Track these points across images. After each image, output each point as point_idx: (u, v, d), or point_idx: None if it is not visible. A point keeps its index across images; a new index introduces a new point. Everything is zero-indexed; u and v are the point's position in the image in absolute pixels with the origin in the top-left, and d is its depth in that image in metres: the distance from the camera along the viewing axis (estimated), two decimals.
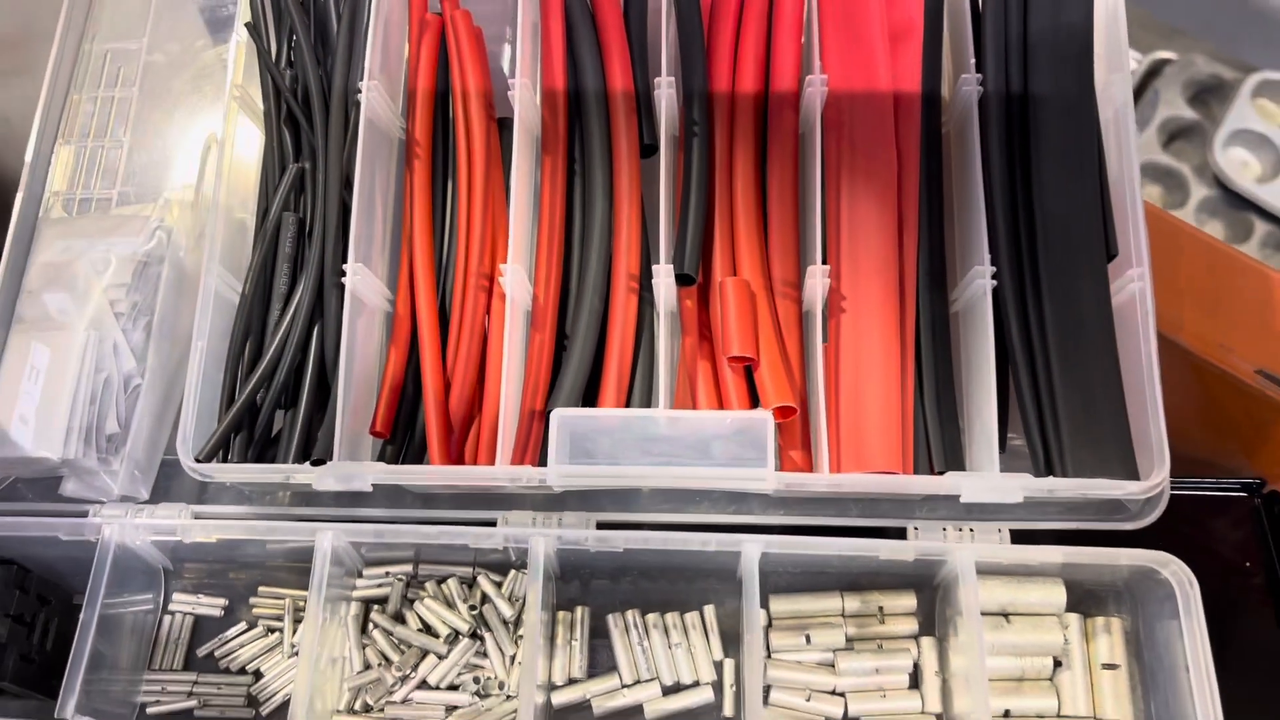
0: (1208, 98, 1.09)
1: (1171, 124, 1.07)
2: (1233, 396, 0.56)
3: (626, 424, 0.50)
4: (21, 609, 0.50)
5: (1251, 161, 1.05)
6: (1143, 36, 1.15)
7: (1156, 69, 1.11)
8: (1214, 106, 1.08)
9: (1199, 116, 1.07)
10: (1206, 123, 1.06)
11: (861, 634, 0.54)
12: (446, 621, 0.53)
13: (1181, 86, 1.08)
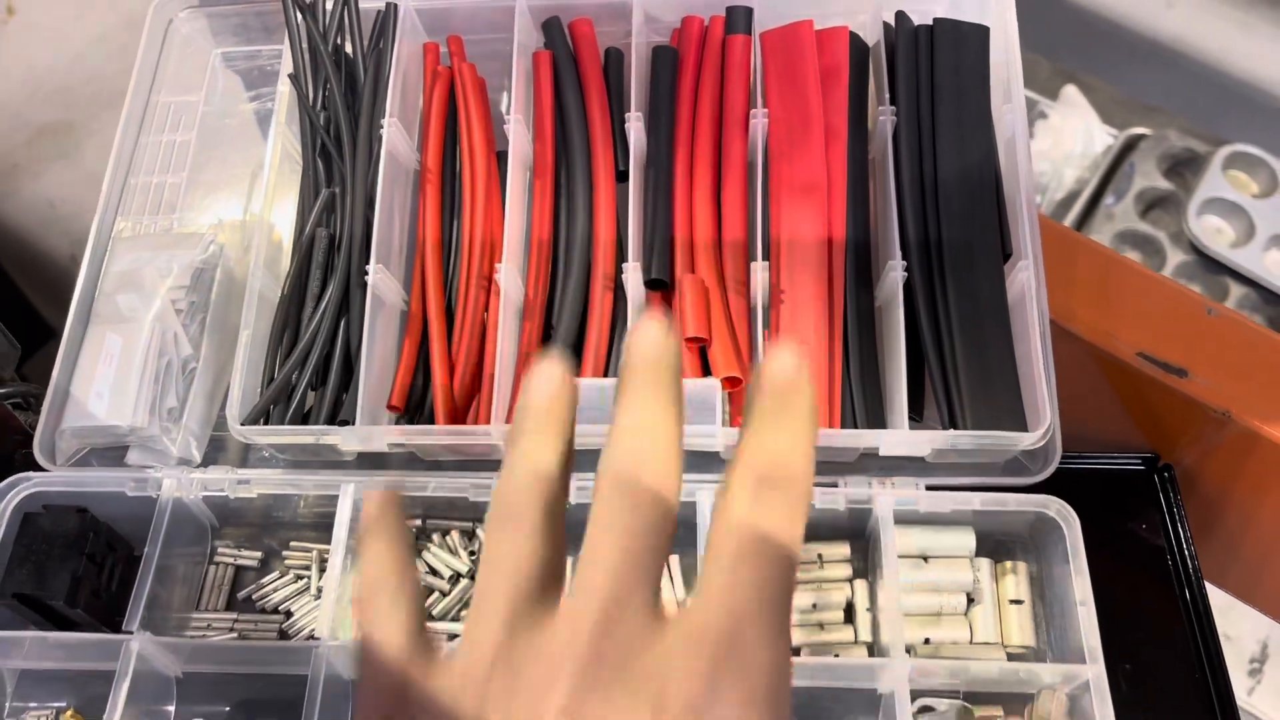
0: (1182, 169, 1.18)
1: (1148, 194, 1.15)
2: (1120, 377, 0.65)
3: (601, 389, 0.60)
4: (93, 549, 0.60)
5: (1225, 228, 1.15)
6: (1118, 112, 1.25)
7: (1133, 143, 1.21)
8: (1188, 177, 1.17)
9: (1174, 187, 1.15)
10: (1181, 192, 1.16)
11: (803, 578, 0.63)
12: (449, 565, 0.63)
13: (1157, 159, 1.17)
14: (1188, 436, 0.66)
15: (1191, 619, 0.64)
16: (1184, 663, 0.63)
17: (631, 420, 0.32)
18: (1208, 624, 0.63)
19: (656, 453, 0.31)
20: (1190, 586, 0.65)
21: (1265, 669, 1.11)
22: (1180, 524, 0.67)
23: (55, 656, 0.60)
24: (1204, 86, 1.25)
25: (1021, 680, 0.59)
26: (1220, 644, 0.63)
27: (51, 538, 0.59)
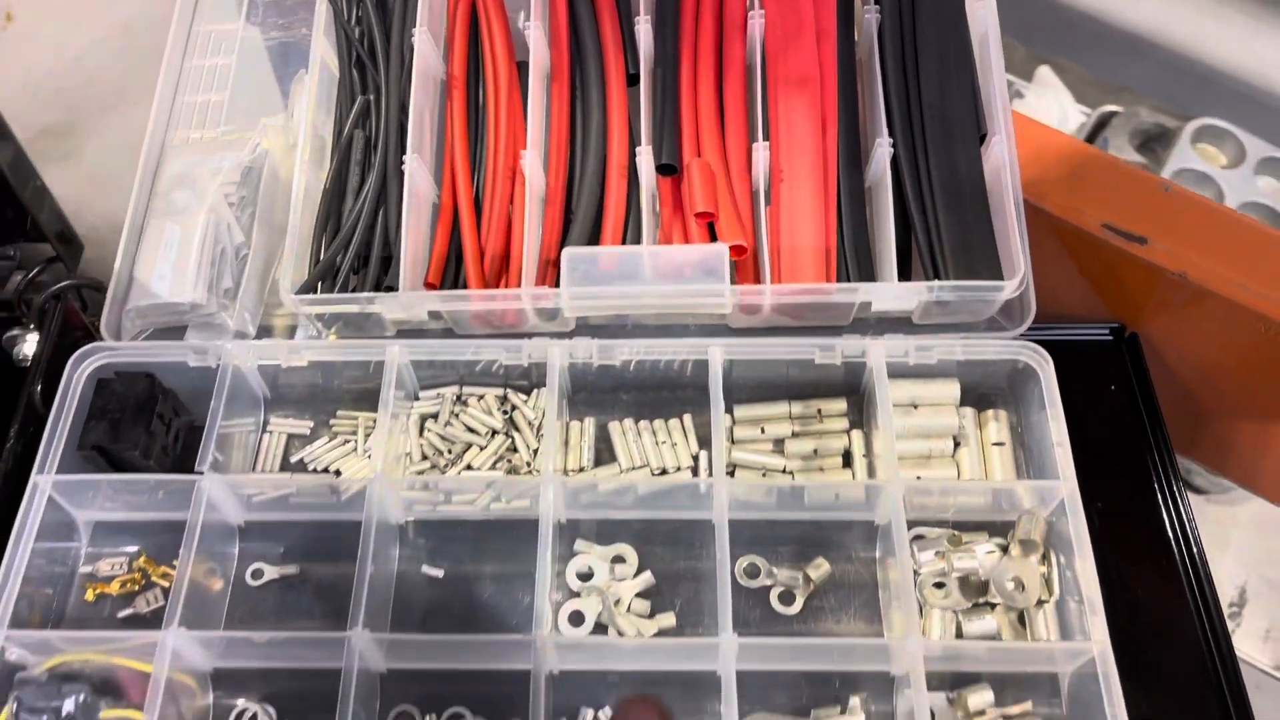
0: (1153, 144, 1.23)
1: None
2: (1087, 248, 0.72)
3: (619, 257, 0.66)
4: (161, 410, 0.66)
5: None
6: (1091, 92, 1.31)
7: (1105, 120, 1.27)
8: (1159, 151, 1.23)
9: (1146, 160, 1.21)
10: (1153, 165, 1.22)
11: (805, 430, 0.69)
12: (485, 423, 0.69)
13: (1129, 135, 1.23)
14: (1150, 302, 0.73)
15: (1156, 465, 0.71)
16: (1153, 513, 0.69)
17: None
18: (1173, 470, 0.70)
19: None
20: (1157, 437, 0.71)
21: (1244, 613, 1.17)
22: (1147, 388, 0.73)
23: (130, 503, 0.65)
24: (1171, 67, 1.32)
25: (1004, 509, 0.66)
26: (1187, 498, 0.69)
27: (124, 399, 0.65)
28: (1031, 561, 0.63)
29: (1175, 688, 0.63)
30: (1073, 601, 0.62)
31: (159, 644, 0.57)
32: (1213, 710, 0.62)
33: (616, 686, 0.62)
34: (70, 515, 0.66)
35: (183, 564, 0.60)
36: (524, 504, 0.66)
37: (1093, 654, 0.58)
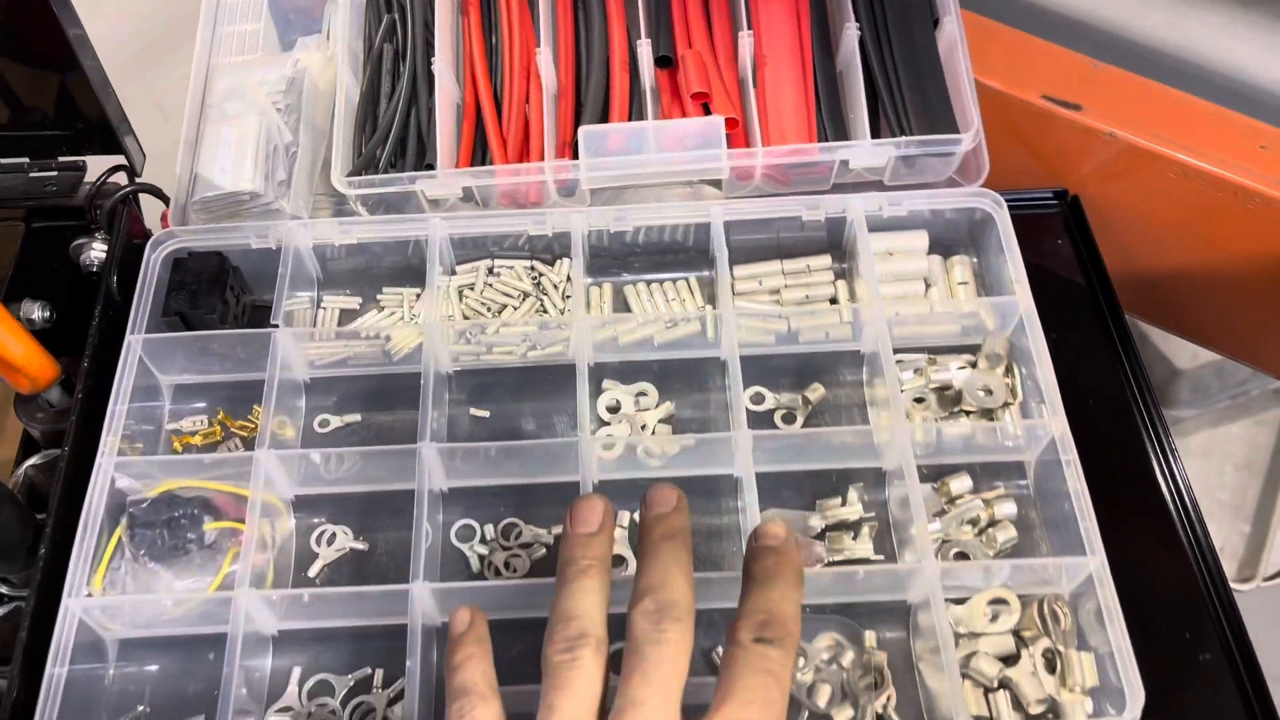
0: None
1: None
2: (1029, 116, 0.83)
3: (627, 132, 0.76)
4: (232, 283, 0.75)
5: None
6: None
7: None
8: None
9: None
10: None
11: (796, 282, 0.79)
12: (516, 288, 0.78)
13: None
14: (1086, 163, 0.84)
15: (1102, 302, 0.81)
16: (1107, 345, 0.79)
17: (655, 578, 0.44)
18: (1117, 307, 0.80)
19: (681, 604, 0.44)
20: (1101, 283, 0.82)
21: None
22: (1090, 242, 0.84)
23: (207, 365, 0.74)
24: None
25: (971, 335, 0.76)
26: (1131, 335, 0.79)
27: (198, 274, 0.74)
28: (997, 373, 0.74)
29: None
30: (1034, 403, 0.72)
31: (254, 461, 0.66)
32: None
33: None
34: (155, 379, 0.74)
35: (266, 400, 0.69)
36: (557, 349, 0.75)
37: (1052, 436, 0.68)
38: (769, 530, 0.47)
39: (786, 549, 0.46)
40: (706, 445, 0.70)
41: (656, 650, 0.43)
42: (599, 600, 0.45)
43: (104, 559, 0.65)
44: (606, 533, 0.48)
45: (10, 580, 0.70)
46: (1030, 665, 0.64)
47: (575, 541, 0.47)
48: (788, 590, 0.45)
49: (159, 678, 0.65)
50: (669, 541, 0.46)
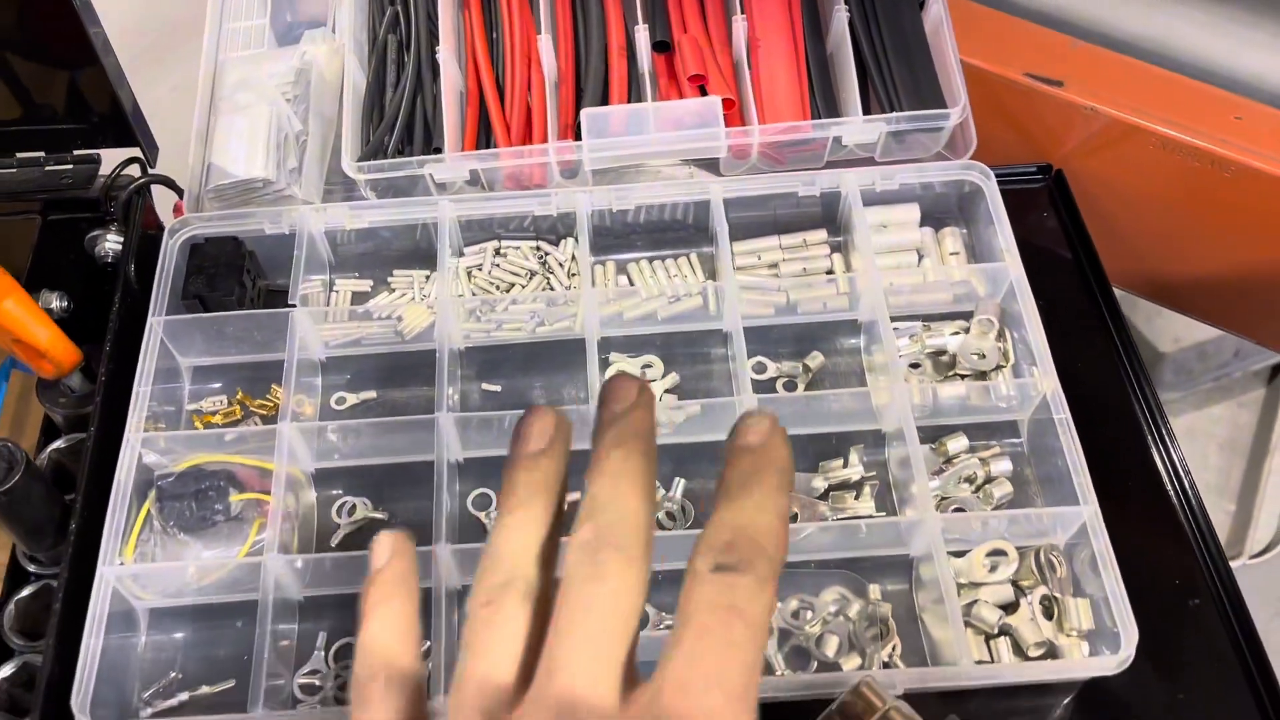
0: None
1: None
2: (1012, 94, 0.86)
3: (627, 114, 0.79)
4: (248, 267, 0.77)
5: None
6: None
7: None
8: None
9: None
10: None
11: (793, 257, 0.82)
12: (523, 267, 0.81)
13: None
14: (1069, 137, 0.87)
15: (1087, 270, 0.84)
16: (1095, 313, 0.82)
17: (604, 494, 0.33)
18: (1101, 272, 0.83)
19: (628, 528, 0.33)
20: (1087, 253, 0.85)
21: None
22: (1075, 214, 0.87)
23: (225, 347, 0.76)
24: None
25: (964, 302, 0.79)
26: (1115, 299, 0.82)
27: (215, 258, 0.77)
28: (990, 337, 0.77)
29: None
30: (1026, 365, 0.75)
31: (278, 434, 0.68)
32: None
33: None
34: (175, 361, 0.76)
35: (286, 376, 0.71)
36: (565, 325, 0.78)
37: (1044, 394, 0.71)
38: (747, 425, 0.36)
39: (769, 445, 0.35)
40: (712, 411, 0.73)
41: (589, 592, 0.32)
42: (537, 536, 0.35)
43: (134, 531, 0.67)
44: (557, 452, 0.37)
45: (38, 559, 0.72)
46: (1029, 612, 0.66)
47: (518, 464, 0.37)
48: (766, 498, 0.34)
49: (189, 645, 0.67)
50: (620, 449, 0.35)
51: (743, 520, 0.33)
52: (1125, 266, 0.96)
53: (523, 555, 0.34)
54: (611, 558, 0.32)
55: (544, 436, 0.36)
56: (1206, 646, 0.68)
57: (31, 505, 0.68)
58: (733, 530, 0.33)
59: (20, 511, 0.68)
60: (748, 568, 0.32)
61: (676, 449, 0.74)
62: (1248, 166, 0.82)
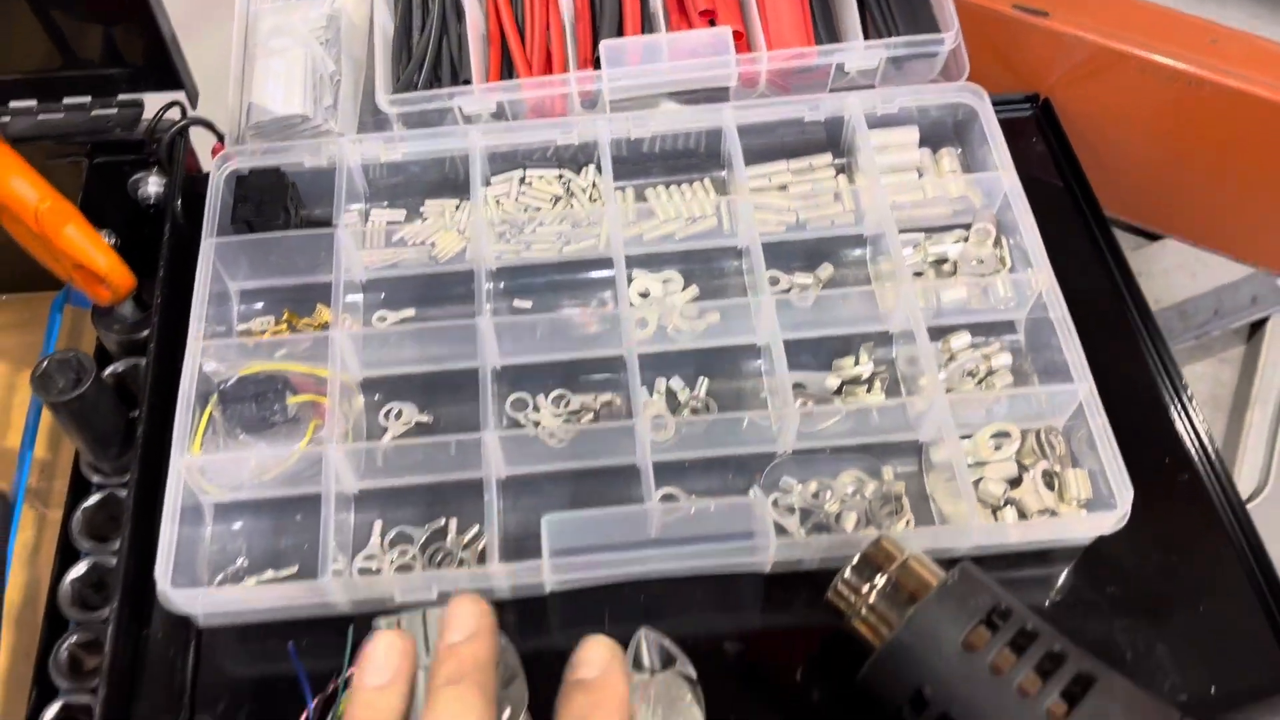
0: None
1: None
2: (1000, 26, 0.92)
3: (643, 45, 0.84)
4: (290, 196, 0.82)
5: None
6: None
7: None
8: None
9: None
10: None
11: (800, 179, 0.87)
12: (548, 192, 0.86)
13: None
14: (1055, 67, 0.92)
15: (1079, 198, 0.90)
16: (1085, 238, 0.87)
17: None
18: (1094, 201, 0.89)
19: None
20: (1077, 178, 0.90)
21: None
22: (1064, 142, 0.92)
23: (271, 268, 0.81)
24: None
25: (962, 215, 0.85)
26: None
27: (260, 188, 0.81)
28: (988, 244, 0.82)
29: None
30: (1022, 269, 0.80)
31: (330, 340, 0.73)
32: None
33: (681, 363, 0.79)
34: (225, 285, 0.81)
35: (335, 289, 0.76)
36: (590, 244, 0.83)
37: (1040, 291, 0.77)
38: (583, 656, 0.39)
39: (604, 683, 0.38)
40: (731, 317, 0.78)
41: None
42: None
43: (199, 431, 0.71)
44: (399, 686, 0.38)
45: (102, 470, 0.77)
46: (1032, 485, 0.72)
47: (359, 699, 0.38)
48: None
49: (252, 537, 0.72)
50: (454, 687, 0.37)
51: None
52: (1113, 192, 1.02)
53: None
54: None
55: (387, 668, 0.38)
56: (1199, 515, 0.73)
57: (100, 413, 0.73)
58: None
59: (90, 418, 0.73)
60: None
61: (700, 353, 0.79)
62: (1222, 86, 0.87)
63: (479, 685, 0.37)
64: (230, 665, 0.67)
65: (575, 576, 0.67)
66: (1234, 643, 0.68)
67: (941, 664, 0.56)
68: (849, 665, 0.61)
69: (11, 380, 0.91)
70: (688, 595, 0.69)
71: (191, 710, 0.65)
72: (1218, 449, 0.75)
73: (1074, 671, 0.55)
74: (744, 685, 0.66)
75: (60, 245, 0.76)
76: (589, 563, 0.65)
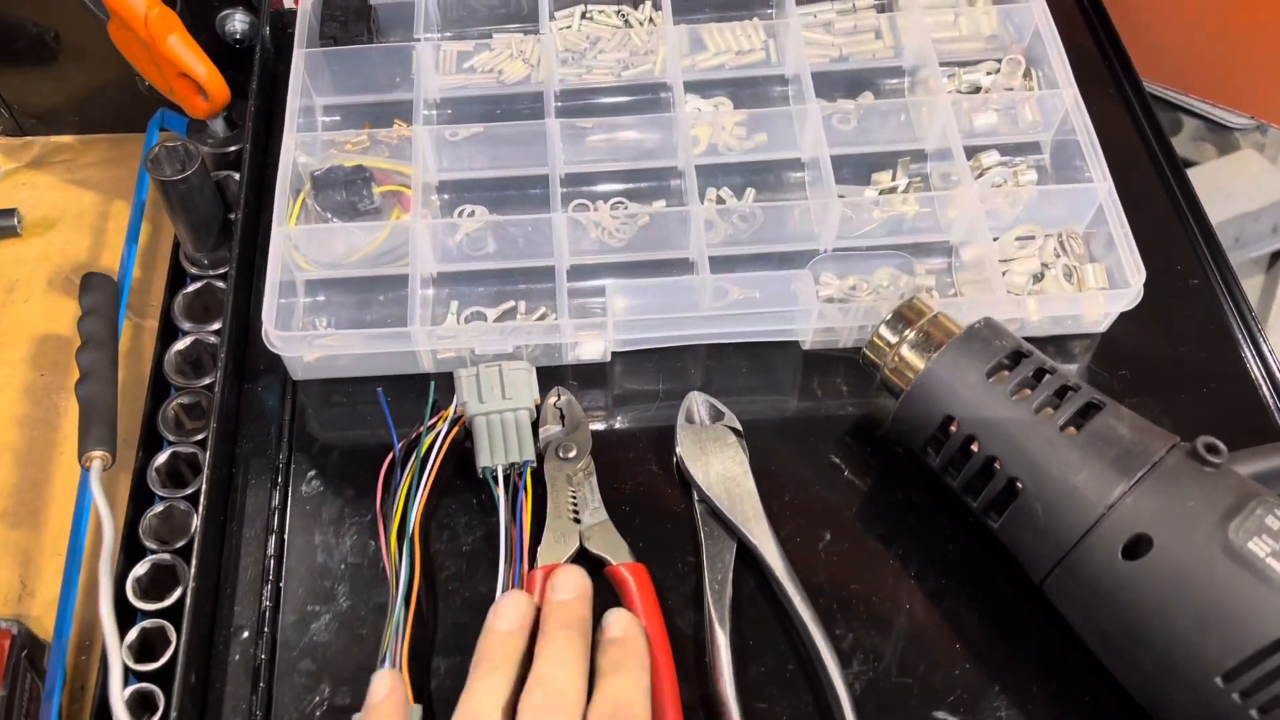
0: None
1: None
2: None
3: None
4: (372, 17, 0.89)
5: None
6: None
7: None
8: None
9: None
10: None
11: (843, 18, 0.93)
12: (608, 24, 0.92)
13: None
14: None
15: (1108, 50, 0.95)
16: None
17: (551, 667, 0.48)
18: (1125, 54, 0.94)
19: (568, 695, 0.47)
20: (1116, 48, 0.95)
21: None
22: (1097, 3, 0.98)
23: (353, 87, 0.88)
24: None
25: (994, 50, 0.90)
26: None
27: (345, 8, 0.88)
28: (1017, 75, 0.88)
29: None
30: (1050, 92, 0.86)
31: (414, 135, 0.80)
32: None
33: (730, 174, 0.85)
34: (311, 100, 0.88)
35: (416, 97, 0.83)
36: (647, 69, 0.90)
37: (1065, 108, 0.83)
38: (611, 620, 0.52)
39: (627, 639, 0.51)
40: (778, 133, 0.85)
41: None
42: (505, 699, 0.48)
43: (294, 212, 0.79)
44: (523, 632, 0.51)
45: (199, 261, 0.84)
46: (1053, 279, 0.78)
47: (492, 638, 0.51)
48: (632, 676, 0.49)
49: (339, 311, 0.79)
50: (564, 631, 0.50)
51: (619, 694, 0.48)
52: (1145, 55, 1.07)
53: (493, 714, 0.47)
54: (554, 718, 0.46)
55: (515, 618, 0.52)
56: (1205, 313, 0.79)
57: (204, 199, 0.81)
58: (613, 704, 0.47)
59: (194, 203, 0.80)
60: None
61: (747, 165, 0.86)
62: None
63: (582, 633, 0.50)
64: (322, 413, 0.75)
65: (634, 336, 0.74)
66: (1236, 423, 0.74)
67: (967, 392, 0.63)
68: (877, 440, 0.68)
69: (105, 209, 0.99)
70: (734, 366, 0.76)
71: (290, 449, 0.73)
72: (1224, 254, 0.81)
73: (1086, 399, 0.62)
74: (783, 442, 0.73)
75: (165, 52, 0.83)
76: (647, 322, 0.72)
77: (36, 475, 0.82)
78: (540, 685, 0.47)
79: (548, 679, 0.47)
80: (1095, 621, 0.59)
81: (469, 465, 0.70)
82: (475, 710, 0.47)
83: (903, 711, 0.63)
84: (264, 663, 0.64)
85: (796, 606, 0.64)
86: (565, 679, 0.47)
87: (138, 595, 0.69)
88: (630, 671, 0.49)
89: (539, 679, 0.47)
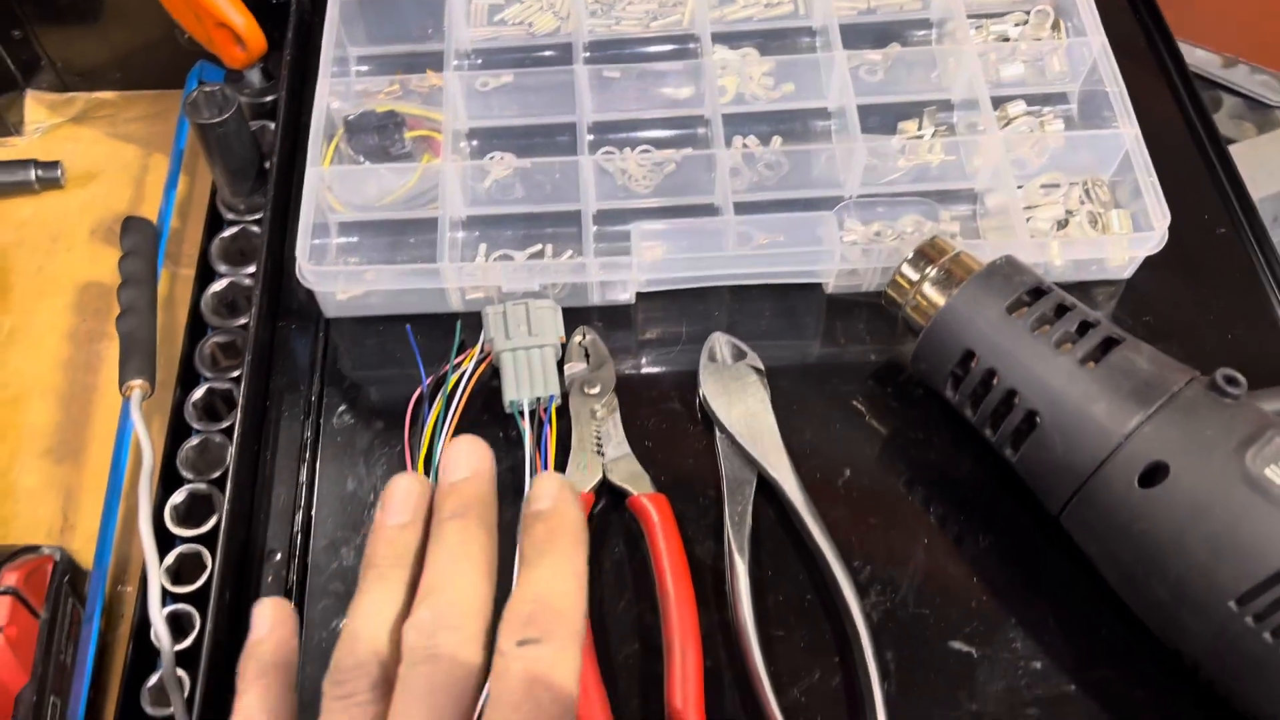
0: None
1: None
2: None
3: None
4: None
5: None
6: None
7: None
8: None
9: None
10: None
11: None
12: None
13: None
14: None
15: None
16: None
17: (441, 574, 0.37)
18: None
19: (464, 609, 0.36)
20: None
21: None
22: None
23: (385, 37, 0.89)
24: None
25: (1022, 3, 0.90)
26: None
27: None
28: (1046, 26, 0.88)
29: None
30: (1079, 40, 0.86)
31: (445, 81, 0.82)
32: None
33: (757, 123, 0.86)
34: (345, 50, 0.90)
35: (447, 44, 0.84)
36: (675, 19, 0.91)
37: (1094, 58, 0.82)
38: (536, 491, 0.39)
39: (558, 508, 0.38)
40: (802, 81, 0.85)
41: (424, 672, 0.34)
42: (392, 611, 0.37)
43: (328, 155, 0.80)
44: (418, 524, 0.40)
45: (236, 208, 0.86)
46: (1078, 225, 0.79)
47: (379, 536, 0.39)
48: (560, 563, 0.37)
49: (371, 252, 0.81)
50: (457, 520, 0.38)
51: (540, 589, 0.36)
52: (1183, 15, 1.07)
53: (378, 634, 0.36)
54: (447, 640, 0.34)
55: (406, 509, 0.40)
56: (1231, 262, 0.79)
57: (241, 143, 0.82)
58: (532, 601, 0.35)
59: (231, 146, 0.82)
60: (549, 637, 0.35)
61: (774, 114, 0.87)
62: None
63: (480, 519, 0.39)
64: (353, 350, 0.76)
65: (659, 276, 0.75)
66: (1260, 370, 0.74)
67: (987, 326, 0.64)
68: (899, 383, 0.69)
69: (145, 162, 1.01)
70: (757, 310, 0.77)
71: (322, 384, 0.75)
72: (1250, 200, 0.80)
73: (1106, 334, 0.63)
74: (805, 384, 0.74)
75: (205, 3, 0.85)
76: (670, 262, 0.74)
77: (78, 415, 0.84)
78: (428, 599, 0.36)
79: (438, 589, 0.36)
80: (1111, 551, 0.60)
81: (496, 403, 0.71)
82: (357, 630, 0.37)
83: (919, 642, 0.64)
84: (295, 584, 0.66)
85: (815, 538, 0.65)
86: (460, 586, 0.36)
87: (175, 522, 0.71)
88: (558, 555, 0.37)
89: (428, 589, 0.36)
